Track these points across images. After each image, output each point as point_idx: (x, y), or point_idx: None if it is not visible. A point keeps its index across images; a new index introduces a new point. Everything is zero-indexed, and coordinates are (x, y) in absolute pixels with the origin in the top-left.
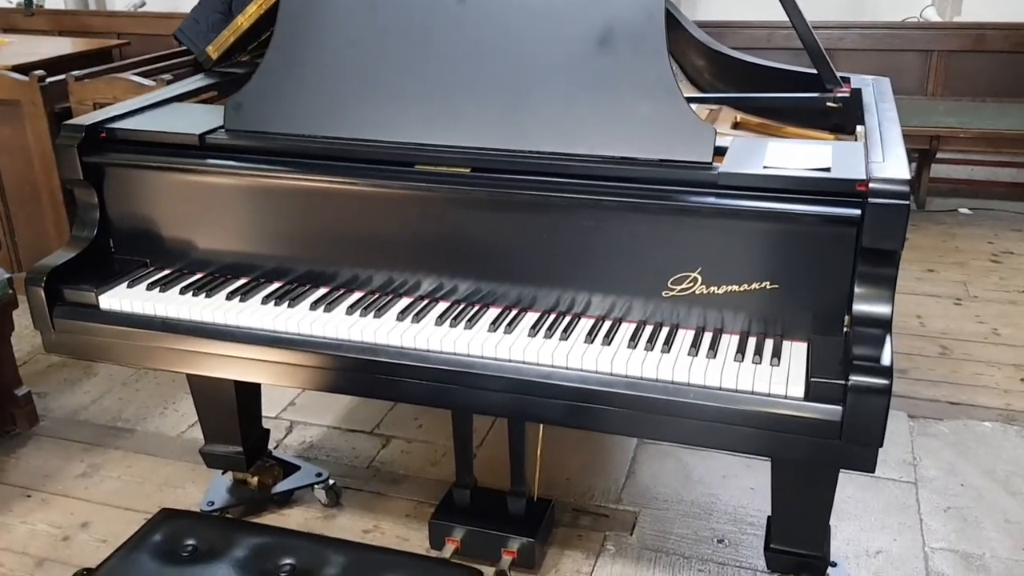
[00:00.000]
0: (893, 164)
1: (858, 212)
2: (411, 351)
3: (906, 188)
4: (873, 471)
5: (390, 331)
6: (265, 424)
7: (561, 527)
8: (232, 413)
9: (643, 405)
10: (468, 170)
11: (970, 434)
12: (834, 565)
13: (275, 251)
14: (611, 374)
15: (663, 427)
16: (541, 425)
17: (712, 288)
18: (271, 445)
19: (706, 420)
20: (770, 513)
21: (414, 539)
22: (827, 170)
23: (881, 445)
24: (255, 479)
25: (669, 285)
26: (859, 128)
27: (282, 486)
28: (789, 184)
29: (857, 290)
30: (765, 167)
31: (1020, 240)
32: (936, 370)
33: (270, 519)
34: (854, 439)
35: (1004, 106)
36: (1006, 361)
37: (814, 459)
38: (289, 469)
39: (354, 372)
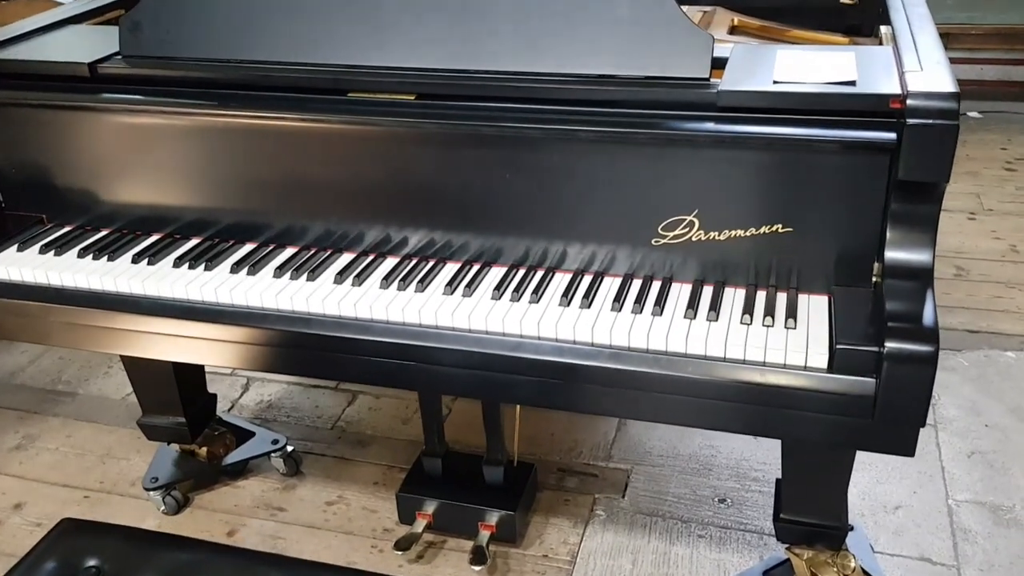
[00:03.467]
0: (934, 73)
1: (893, 136)
2: (351, 321)
3: (954, 104)
4: (913, 455)
5: (325, 297)
6: (219, 381)
7: (546, 490)
8: (168, 381)
9: (631, 381)
10: (412, 97)
11: (992, 366)
12: (851, 529)
13: (189, 201)
14: (592, 344)
15: (655, 407)
16: None
17: (712, 234)
18: (225, 405)
19: (708, 398)
20: (779, 476)
21: (383, 510)
22: (852, 83)
23: (923, 425)
24: (203, 450)
25: (660, 231)
26: (883, 30)
27: (234, 456)
28: (806, 103)
29: (890, 233)
30: (775, 82)
31: None
32: (951, 294)
33: (223, 492)
34: (891, 418)
35: None
36: None
37: (839, 442)
38: (243, 436)
39: (284, 348)
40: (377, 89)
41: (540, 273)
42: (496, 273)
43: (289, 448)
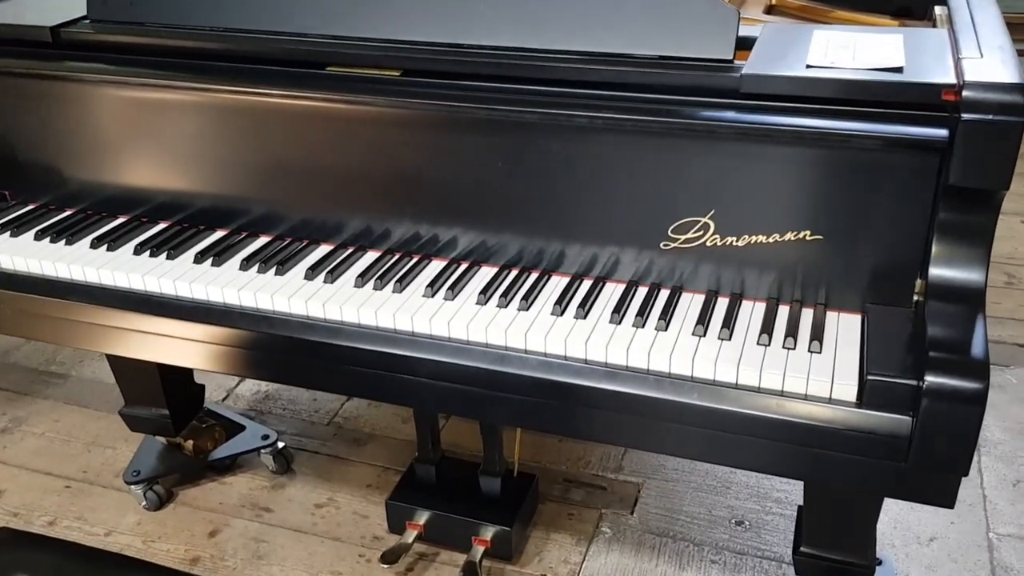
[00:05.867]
0: (996, 61)
1: (944, 133)
2: (319, 322)
3: (1018, 98)
4: (952, 506)
5: (292, 295)
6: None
7: (549, 502)
8: (151, 370)
9: (627, 405)
10: (398, 73)
11: None
12: (879, 563)
13: (156, 181)
14: (585, 361)
15: (654, 436)
16: None
17: (729, 239)
18: (220, 395)
19: (714, 429)
20: (801, 503)
21: (374, 516)
22: (898, 70)
23: (966, 474)
24: (190, 443)
25: (670, 234)
26: (937, 11)
27: (221, 452)
28: (843, 91)
29: (936, 247)
30: (809, 66)
31: None
32: (1001, 304)
33: (208, 489)
34: (927, 464)
35: None
36: None
37: (865, 487)
38: (233, 429)
39: (246, 349)
40: (359, 63)
41: (534, 276)
42: (485, 274)
43: (280, 445)
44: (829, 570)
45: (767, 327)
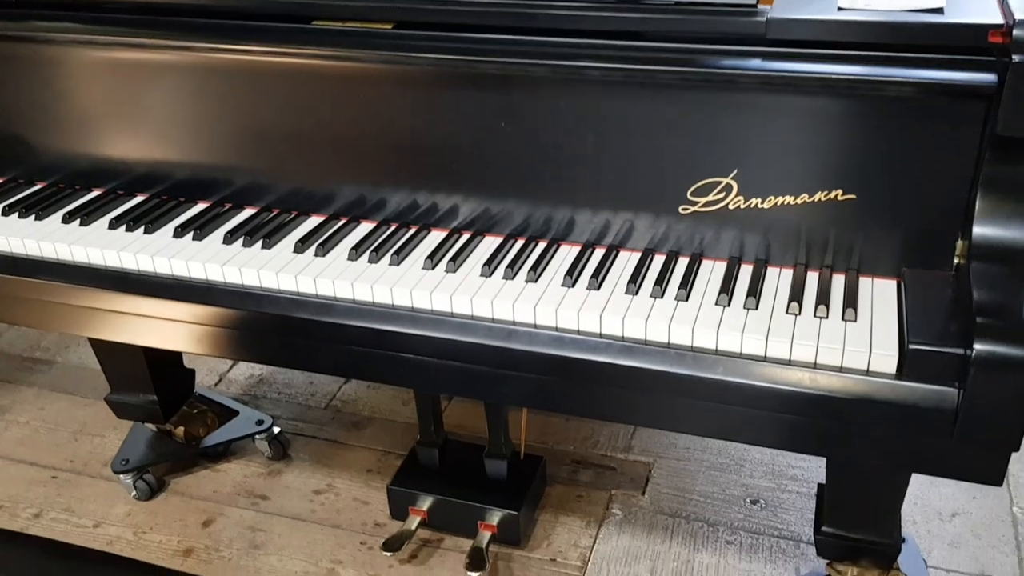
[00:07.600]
0: None
1: (992, 78)
2: (310, 299)
3: None
4: (1000, 484)
5: (280, 269)
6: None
7: (557, 484)
8: (136, 356)
9: (646, 382)
10: (390, 26)
11: None
12: (902, 541)
13: (131, 150)
14: (600, 335)
15: (676, 414)
16: None
17: (754, 200)
18: (212, 379)
19: (741, 406)
20: (821, 478)
21: (375, 502)
22: (939, 11)
23: (1017, 449)
24: (180, 430)
25: (690, 196)
26: None
27: (214, 438)
28: (878, 35)
29: (981, 203)
30: (840, 9)
31: None
32: None
33: (201, 477)
34: (975, 439)
35: None
36: None
37: (907, 465)
38: (226, 414)
39: (232, 329)
40: (347, 16)
41: (542, 245)
42: (489, 244)
43: (275, 430)
44: (853, 549)
45: (796, 295)
